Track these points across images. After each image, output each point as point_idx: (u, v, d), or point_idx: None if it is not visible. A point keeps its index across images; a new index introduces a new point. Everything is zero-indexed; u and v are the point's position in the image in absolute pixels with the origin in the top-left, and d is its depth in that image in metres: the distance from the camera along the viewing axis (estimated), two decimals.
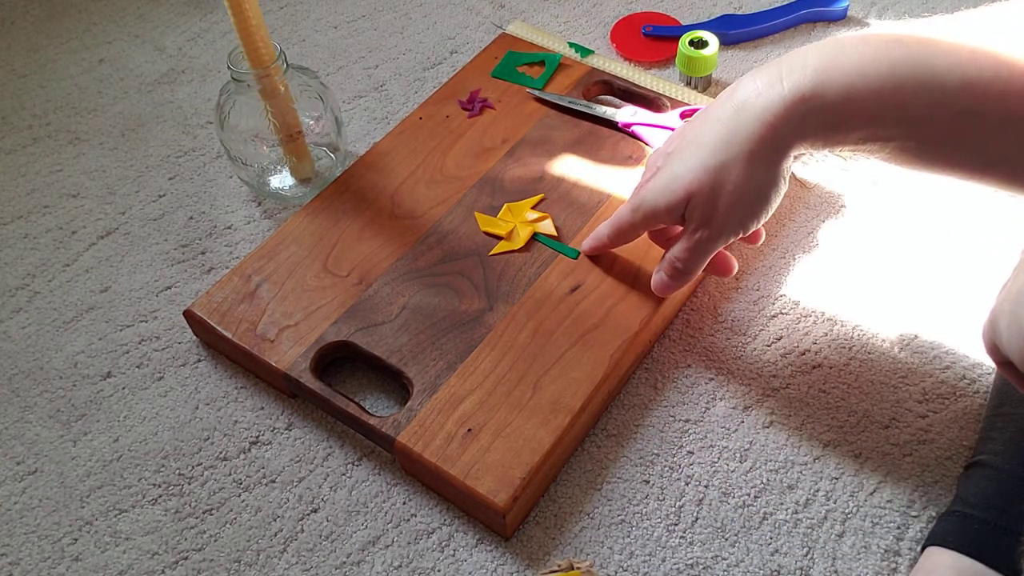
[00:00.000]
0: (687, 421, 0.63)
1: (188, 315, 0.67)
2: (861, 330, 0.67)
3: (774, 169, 0.54)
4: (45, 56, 0.94)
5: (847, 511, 0.58)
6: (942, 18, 0.90)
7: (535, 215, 0.70)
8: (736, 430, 0.62)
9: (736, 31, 0.89)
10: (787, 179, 0.55)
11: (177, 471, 0.62)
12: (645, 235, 0.65)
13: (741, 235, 0.57)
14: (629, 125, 0.76)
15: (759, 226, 0.58)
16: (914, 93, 0.47)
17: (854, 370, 0.65)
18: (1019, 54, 0.46)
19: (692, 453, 0.61)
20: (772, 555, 0.57)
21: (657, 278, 0.62)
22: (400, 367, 0.62)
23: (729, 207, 0.55)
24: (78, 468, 0.63)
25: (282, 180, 0.78)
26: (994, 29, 0.49)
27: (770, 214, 0.56)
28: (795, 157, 0.54)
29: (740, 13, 0.91)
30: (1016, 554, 0.34)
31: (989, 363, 0.63)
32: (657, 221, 0.60)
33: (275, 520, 0.60)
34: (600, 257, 0.67)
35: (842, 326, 0.67)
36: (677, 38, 0.85)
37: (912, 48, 0.48)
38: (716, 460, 0.61)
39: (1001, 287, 0.41)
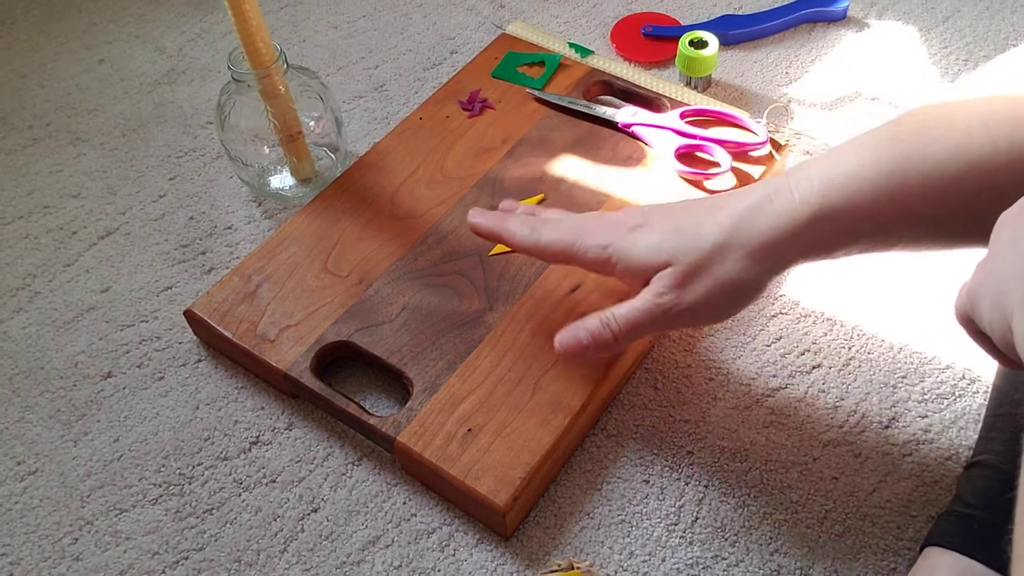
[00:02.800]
0: (687, 421, 0.63)
1: (188, 315, 0.67)
2: (861, 330, 0.67)
3: (767, 277, 0.53)
4: (45, 56, 0.94)
5: (847, 511, 0.58)
6: (942, 22, 0.90)
7: None
8: (736, 430, 0.62)
9: (736, 31, 0.89)
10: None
11: (177, 471, 0.62)
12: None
13: (698, 323, 0.54)
14: (629, 125, 0.76)
15: (715, 323, 0.55)
16: (919, 187, 0.48)
17: (854, 370, 0.65)
18: (1013, 110, 0.46)
19: (692, 453, 0.61)
20: (772, 555, 0.57)
21: (569, 335, 0.57)
22: (400, 367, 0.62)
23: (710, 290, 0.53)
24: (78, 468, 0.63)
25: (282, 180, 0.78)
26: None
27: (730, 317, 0.55)
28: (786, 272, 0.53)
29: (740, 13, 0.91)
30: (1003, 543, 0.34)
31: (989, 363, 0.63)
32: (624, 273, 0.56)
33: (275, 520, 0.60)
34: None
35: (842, 326, 0.67)
36: (677, 38, 0.85)
37: (908, 143, 0.49)
38: (716, 460, 0.61)
39: (979, 262, 0.41)
